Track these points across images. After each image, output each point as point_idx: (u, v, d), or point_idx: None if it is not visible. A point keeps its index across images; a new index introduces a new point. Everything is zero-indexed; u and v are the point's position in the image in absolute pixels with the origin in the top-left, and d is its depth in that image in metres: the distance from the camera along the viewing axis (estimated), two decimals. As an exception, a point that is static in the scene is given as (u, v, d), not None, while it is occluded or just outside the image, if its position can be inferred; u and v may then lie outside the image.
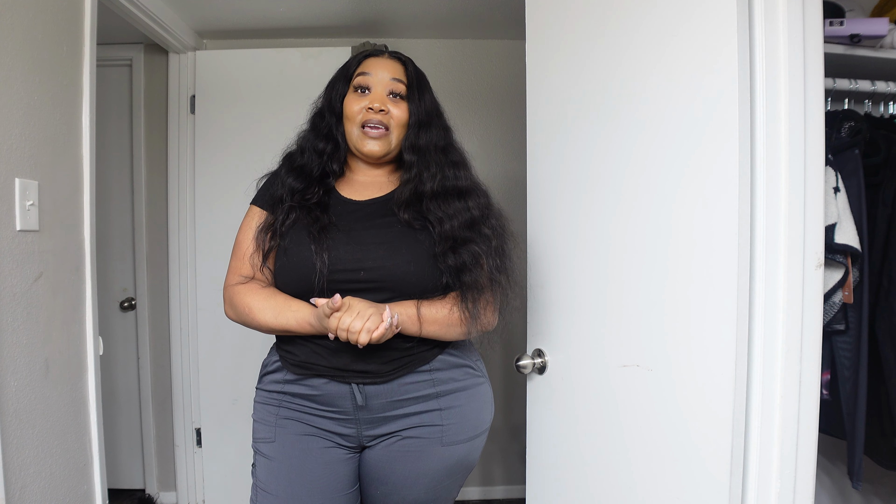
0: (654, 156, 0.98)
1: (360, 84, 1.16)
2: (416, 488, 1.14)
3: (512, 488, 2.62)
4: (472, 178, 1.19)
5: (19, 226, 1.23)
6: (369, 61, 1.18)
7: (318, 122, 1.21)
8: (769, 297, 0.85)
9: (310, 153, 1.19)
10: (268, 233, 1.13)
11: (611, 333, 1.07)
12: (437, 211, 1.11)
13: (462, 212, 1.12)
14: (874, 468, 1.54)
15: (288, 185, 1.16)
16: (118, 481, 2.54)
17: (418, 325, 1.06)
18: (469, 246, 1.09)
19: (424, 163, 1.15)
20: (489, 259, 1.10)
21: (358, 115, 1.14)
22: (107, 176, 2.47)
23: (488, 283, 1.10)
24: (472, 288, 1.08)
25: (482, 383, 1.19)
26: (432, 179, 1.14)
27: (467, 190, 1.16)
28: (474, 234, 1.11)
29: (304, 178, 1.17)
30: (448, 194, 1.13)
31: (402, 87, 1.16)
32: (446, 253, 1.08)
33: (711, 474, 0.87)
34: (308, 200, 1.14)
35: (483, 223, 1.13)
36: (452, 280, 1.08)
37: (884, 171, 1.41)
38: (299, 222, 1.12)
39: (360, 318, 0.97)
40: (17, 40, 1.24)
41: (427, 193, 1.13)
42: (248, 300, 1.11)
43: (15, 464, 1.20)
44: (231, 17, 2.30)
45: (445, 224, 1.10)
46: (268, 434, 1.13)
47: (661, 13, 0.96)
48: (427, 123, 1.17)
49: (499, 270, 1.11)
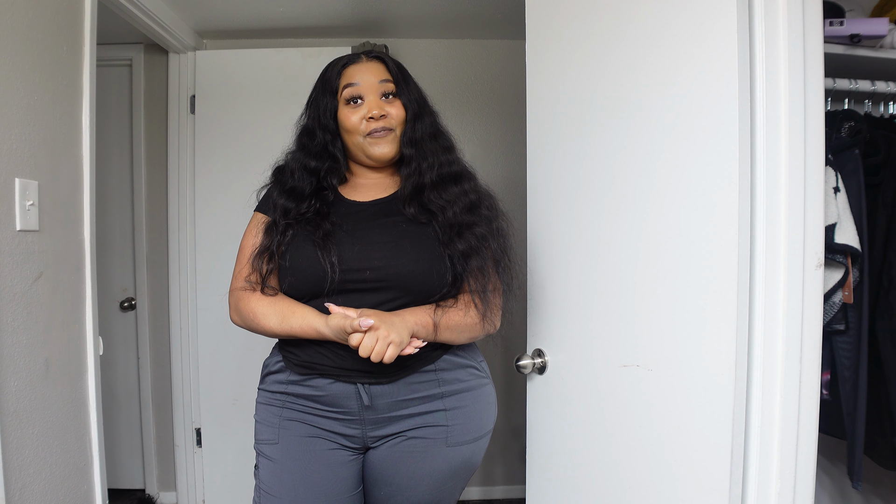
0: (653, 155, 0.98)
1: (352, 95, 1.15)
2: (420, 489, 1.13)
3: (512, 488, 2.62)
4: (461, 160, 1.21)
5: (19, 226, 1.23)
6: (351, 70, 1.16)
7: (307, 142, 1.19)
8: (769, 297, 0.85)
9: (300, 173, 1.16)
10: (264, 255, 1.12)
11: (611, 333, 1.07)
12: (438, 199, 1.12)
13: (460, 196, 1.13)
14: (874, 468, 1.54)
15: (281, 207, 1.14)
16: (118, 481, 2.54)
17: (434, 333, 1.07)
18: (473, 229, 1.11)
19: (421, 154, 1.16)
20: (493, 241, 1.12)
21: (360, 126, 1.14)
22: (107, 176, 2.47)
23: (494, 266, 1.12)
24: (481, 272, 1.09)
25: (486, 384, 1.19)
26: (430, 170, 1.15)
27: (460, 174, 1.18)
28: (476, 217, 1.12)
29: (295, 197, 1.15)
30: (445, 181, 1.15)
31: (391, 86, 1.16)
32: (453, 239, 1.09)
33: (711, 474, 0.87)
34: (304, 215, 1.13)
35: (481, 205, 1.15)
36: (460, 264, 1.09)
37: (884, 171, 1.41)
38: (298, 236, 1.11)
39: (382, 342, 0.96)
40: (18, 40, 1.24)
41: (427, 184, 1.14)
42: (252, 306, 1.11)
43: (15, 464, 1.20)
44: (231, 17, 2.30)
45: (448, 211, 1.11)
46: (271, 435, 1.13)
47: (660, 13, 0.96)
48: (420, 114, 1.18)
49: (503, 252, 1.13)
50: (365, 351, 0.96)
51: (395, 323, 1.00)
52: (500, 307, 1.15)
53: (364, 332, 0.97)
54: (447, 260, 1.09)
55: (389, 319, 1.00)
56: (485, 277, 1.10)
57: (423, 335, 1.05)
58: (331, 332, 1.03)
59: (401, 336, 0.99)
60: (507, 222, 1.17)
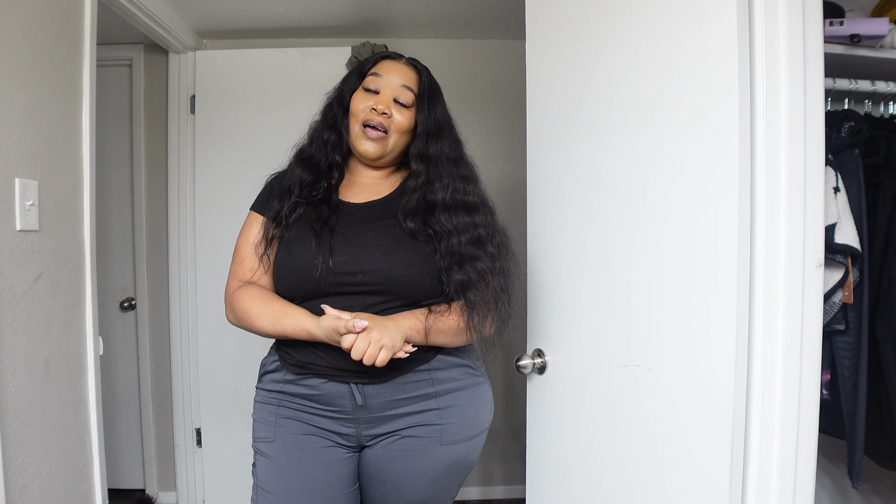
0: (653, 155, 0.98)
1: (370, 84, 1.17)
2: (415, 487, 1.14)
3: (512, 488, 2.62)
4: (481, 194, 1.19)
5: (19, 226, 1.23)
6: (384, 63, 1.18)
7: (327, 113, 1.23)
8: (769, 297, 0.85)
9: (318, 144, 1.21)
10: (272, 224, 1.14)
11: (611, 333, 1.07)
12: (447, 223, 1.11)
13: (469, 228, 1.12)
14: (874, 468, 1.54)
15: (297, 176, 1.17)
16: (118, 481, 2.54)
17: (425, 338, 1.07)
18: (475, 264, 1.09)
19: (436, 173, 1.15)
20: (494, 279, 1.11)
21: (361, 113, 1.15)
22: (107, 176, 2.47)
23: (493, 303, 1.10)
24: (478, 306, 1.08)
25: (481, 383, 1.20)
26: (444, 190, 1.14)
27: (475, 206, 1.16)
28: (480, 252, 1.11)
29: (312, 168, 1.18)
30: (457, 207, 1.13)
31: (410, 95, 1.16)
32: (452, 268, 1.08)
33: (711, 474, 0.87)
34: (314, 196, 1.14)
35: (489, 242, 1.13)
36: (457, 295, 1.09)
37: (884, 171, 1.41)
38: (304, 217, 1.12)
39: (374, 345, 0.97)
40: (18, 40, 1.24)
41: (438, 204, 1.13)
42: (246, 305, 1.12)
43: (15, 464, 1.20)
44: (231, 17, 2.30)
45: (453, 238, 1.10)
46: (267, 434, 1.13)
47: (660, 14, 0.96)
48: (437, 134, 1.17)
49: (503, 290, 1.11)
50: (357, 353, 0.96)
51: (388, 327, 1.00)
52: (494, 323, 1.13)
53: (357, 334, 0.97)
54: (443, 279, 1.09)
55: (383, 323, 1.00)
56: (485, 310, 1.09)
57: (416, 340, 1.06)
58: (322, 333, 1.03)
59: (393, 340, 0.99)
60: (515, 263, 1.16)
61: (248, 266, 1.17)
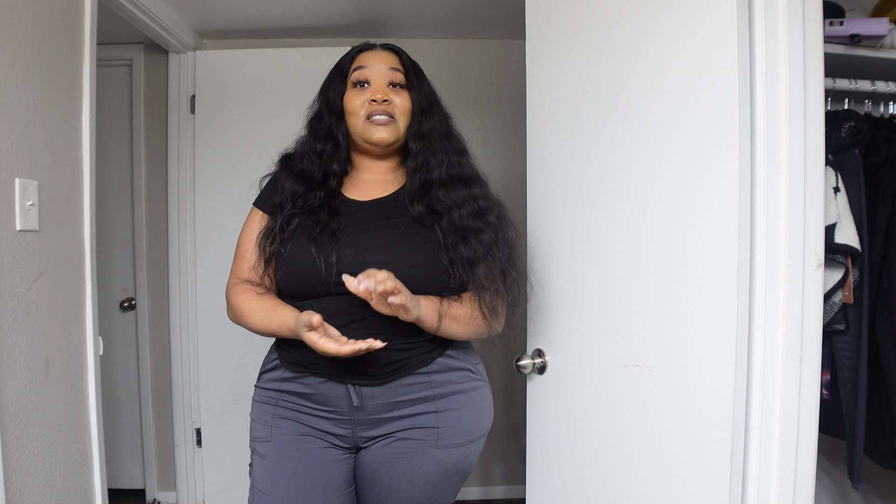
0: (653, 155, 0.98)
1: (359, 78, 1.16)
2: (410, 491, 1.12)
3: (512, 488, 2.62)
4: (473, 165, 1.20)
5: (19, 226, 1.23)
6: (363, 55, 1.18)
7: (315, 125, 1.21)
8: (769, 297, 0.85)
9: (309, 157, 1.18)
10: (268, 238, 1.13)
11: (611, 333, 1.07)
12: (446, 199, 1.11)
13: (469, 200, 1.12)
14: (874, 468, 1.54)
15: (289, 190, 1.14)
16: (118, 481, 2.54)
17: (438, 320, 1.05)
18: (479, 236, 1.09)
19: (430, 150, 1.15)
20: (499, 249, 1.11)
21: (361, 109, 1.14)
22: (107, 176, 2.47)
23: (500, 276, 1.10)
24: (487, 281, 1.08)
25: (481, 387, 1.18)
26: (439, 166, 1.14)
27: (471, 178, 1.16)
28: (483, 224, 1.11)
29: (304, 181, 1.16)
30: (454, 181, 1.14)
31: (400, 76, 1.17)
32: (457, 244, 1.08)
33: (711, 474, 0.87)
34: (310, 204, 1.13)
35: (489, 212, 1.13)
36: (465, 274, 1.08)
37: (884, 171, 1.41)
38: (301, 227, 1.11)
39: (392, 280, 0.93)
40: (17, 40, 1.24)
41: (435, 181, 1.13)
42: (240, 302, 1.12)
43: (15, 464, 1.20)
44: (231, 17, 2.30)
45: (454, 213, 1.10)
46: (264, 433, 1.13)
47: (660, 14, 0.96)
48: (429, 110, 1.18)
49: (509, 261, 1.12)
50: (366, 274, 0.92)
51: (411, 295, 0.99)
52: (504, 315, 1.13)
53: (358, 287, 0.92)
54: (450, 266, 1.09)
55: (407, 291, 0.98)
56: (493, 288, 1.08)
57: (430, 321, 1.04)
58: (296, 326, 1.00)
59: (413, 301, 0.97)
60: (516, 233, 1.17)
61: (247, 263, 1.16)
